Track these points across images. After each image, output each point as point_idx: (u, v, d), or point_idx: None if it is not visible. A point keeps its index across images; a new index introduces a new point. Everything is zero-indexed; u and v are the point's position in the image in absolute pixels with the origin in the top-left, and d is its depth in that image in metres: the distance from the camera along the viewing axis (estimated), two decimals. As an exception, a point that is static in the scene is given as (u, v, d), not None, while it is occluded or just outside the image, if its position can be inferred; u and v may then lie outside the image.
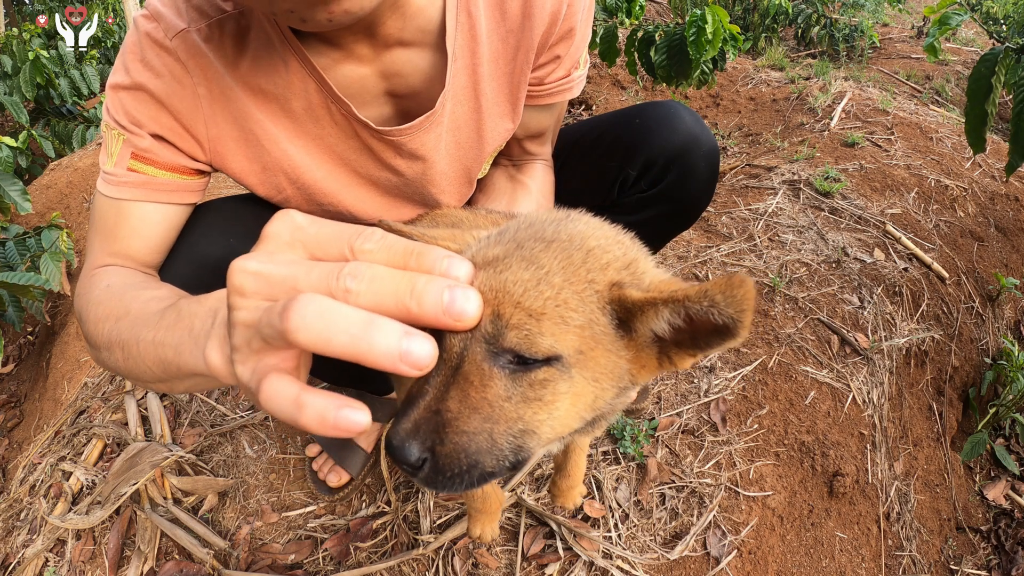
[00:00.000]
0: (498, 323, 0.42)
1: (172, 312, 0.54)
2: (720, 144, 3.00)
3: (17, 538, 1.28)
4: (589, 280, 0.45)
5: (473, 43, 0.82)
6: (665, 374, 1.50)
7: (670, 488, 1.26)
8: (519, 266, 0.44)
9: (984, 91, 1.60)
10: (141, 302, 0.62)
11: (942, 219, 2.17)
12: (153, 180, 0.75)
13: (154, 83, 0.73)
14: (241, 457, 1.33)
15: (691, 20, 2.22)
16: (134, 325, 0.58)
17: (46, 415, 1.81)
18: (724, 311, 0.42)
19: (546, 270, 0.44)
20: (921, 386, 1.80)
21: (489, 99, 0.87)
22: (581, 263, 0.46)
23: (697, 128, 0.94)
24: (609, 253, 0.48)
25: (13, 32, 3.37)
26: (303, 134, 0.81)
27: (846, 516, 1.35)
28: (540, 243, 0.47)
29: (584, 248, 0.47)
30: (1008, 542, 1.70)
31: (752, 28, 4.57)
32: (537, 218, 0.51)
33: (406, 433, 0.43)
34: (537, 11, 0.82)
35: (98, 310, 0.65)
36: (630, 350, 0.47)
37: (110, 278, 0.70)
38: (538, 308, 0.43)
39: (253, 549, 1.17)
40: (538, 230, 0.48)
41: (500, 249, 0.46)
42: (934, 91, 3.97)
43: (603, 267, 0.46)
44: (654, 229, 1.04)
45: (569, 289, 0.44)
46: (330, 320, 0.32)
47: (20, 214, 2.15)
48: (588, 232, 0.49)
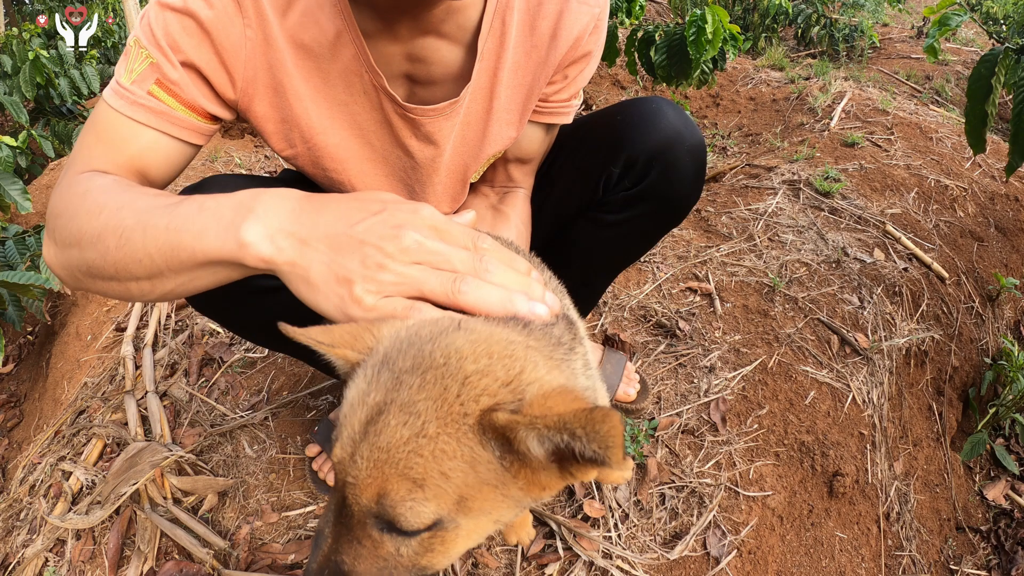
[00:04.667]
0: (383, 503, 0.44)
1: (191, 204, 0.57)
2: (720, 144, 3.00)
3: (17, 538, 1.28)
4: (463, 415, 0.44)
5: (500, 49, 0.85)
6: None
7: (670, 488, 1.26)
8: (397, 420, 0.44)
9: (984, 91, 1.60)
10: (151, 196, 0.62)
11: (942, 219, 2.17)
12: (171, 113, 0.73)
13: (206, 13, 0.72)
14: (241, 457, 1.33)
15: (691, 20, 2.22)
16: (141, 214, 0.59)
17: (46, 415, 1.81)
18: (587, 445, 0.40)
19: (422, 420, 0.43)
20: (921, 386, 1.80)
21: (501, 104, 0.89)
22: (455, 397, 0.44)
23: (680, 124, 0.93)
24: (488, 375, 0.45)
25: (13, 32, 3.36)
26: (329, 97, 0.82)
27: (846, 516, 1.36)
28: (417, 375, 0.45)
29: (461, 376, 0.45)
30: (1008, 542, 1.70)
31: (752, 28, 4.57)
32: (419, 334, 0.49)
33: (314, 573, 0.47)
34: (564, 33, 0.86)
35: (97, 199, 0.63)
36: (522, 476, 0.46)
37: (112, 178, 0.68)
38: (420, 475, 0.43)
39: (253, 549, 1.17)
40: (417, 354, 0.47)
41: (380, 394, 0.46)
42: (934, 91, 3.97)
43: (478, 395, 0.44)
44: (642, 227, 1.03)
45: (445, 434, 0.43)
46: (486, 293, 0.53)
47: (20, 213, 2.15)
48: (467, 351, 0.46)
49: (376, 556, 0.46)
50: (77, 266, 0.64)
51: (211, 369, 1.57)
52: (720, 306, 1.69)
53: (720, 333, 1.61)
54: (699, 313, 1.67)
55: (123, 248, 0.58)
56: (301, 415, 1.42)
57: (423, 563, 0.48)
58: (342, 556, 0.46)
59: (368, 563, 0.46)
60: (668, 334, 1.61)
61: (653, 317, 1.65)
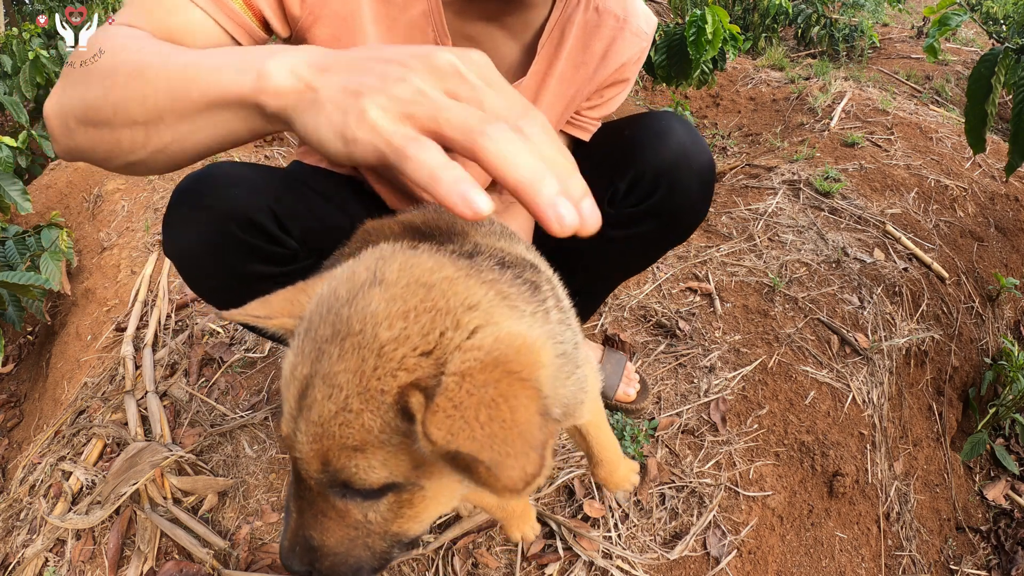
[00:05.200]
0: (328, 469, 0.42)
1: (220, 49, 0.53)
2: (720, 144, 3.00)
3: (17, 538, 1.28)
4: (381, 391, 0.40)
5: (554, 57, 0.88)
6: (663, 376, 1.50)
7: (670, 488, 1.26)
8: (322, 394, 0.41)
9: (984, 91, 1.60)
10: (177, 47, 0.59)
11: (942, 219, 2.17)
12: (227, 2, 0.68)
13: None
14: (241, 457, 1.33)
15: (691, 20, 2.22)
16: (165, 53, 0.55)
17: (46, 415, 1.81)
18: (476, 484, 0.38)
19: (344, 394, 0.41)
20: (921, 386, 1.80)
21: (542, 109, 0.90)
22: (372, 371, 0.41)
23: (689, 142, 0.92)
24: (405, 344, 0.41)
25: (13, 32, 3.36)
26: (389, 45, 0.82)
27: (846, 516, 1.36)
28: (336, 344, 0.42)
29: (376, 346, 0.41)
30: (1008, 542, 1.70)
31: (752, 28, 4.57)
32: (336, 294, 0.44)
33: (286, 552, 0.46)
34: (613, 57, 0.90)
35: (123, 41, 0.59)
36: None
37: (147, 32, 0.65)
38: (357, 443, 0.41)
39: (253, 549, 1.17)
40: (335, 319, 0.43)
41: (306, 367, 0.43)
42: (934, 91, 3.97)
43: (395, 370, 0.40)
44: (646, 243, 1.03)
45: (368, 411, 0.41)
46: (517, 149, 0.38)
47: (20, 214, 2.15)
48: (382, 314, 0.42)
49: (344, 526, 0.45)
50: (72, 109, 0.58)
51: (211, 369, 1.57)
52: (720, 306, 1.69)
53: (720, 333, 1.61)
54: (699, 313, 1.67)
55: (131, 83, 0.53)
56: (301, 415, 1.42)
57: (395, 529, 0.46)
58: (309, 532, 0.45)
59: (338, 535, 0.45)
60: (668, 334, 1.61)
61: (653, 317, 1.65)
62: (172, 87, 0.50)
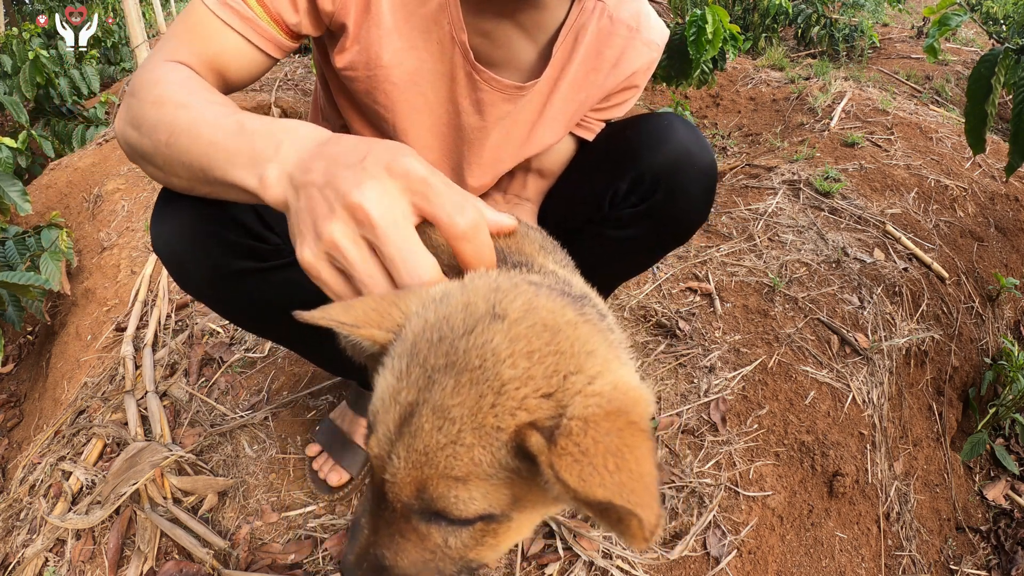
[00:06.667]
0: (424, 496, 0.42)
1: (234, 121, 0.61)
2: (720, 144, 3.00)
3: (17, 538, 1.28)
4: (497, 428, 0.41)
5: (567, 61, 0.89)
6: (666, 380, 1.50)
7: (670, 488, 1.26)
8: (431, 425, 0.42)
9: (984, 91, 1.60)
10: (206, 101, 0.66)
11: (942, 219, 2.17)
12: (256, 21, 0.75)
13: None
14: (241, 457, 1.33)
15: (691, 20, 2.22)
16: (195, 119, 0.63)
17: (46, 415, 1.81)
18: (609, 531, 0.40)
19: (457, 428, 0.41)
20: (921, 386, 1.80)
21: (552, 112, 0.93)
22: (490, 408, 0.41)
23: (691, 143, 0.91)
24: (527, 384, 0.41)
25: (13, 32, 3.36)
26: (405, 36, 0.83)
27: (846, 516, 1.36)
28: (451, 376, 0.42)
29: (497, 384, 0.41)
30: (1008, 542, 1.70)
31: (752, 28, 4.57)
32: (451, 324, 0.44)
33: (351, 566, 0.46)
34: (625, 65, 0.93)
35: (163, 91, 0.67)
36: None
37: (188, 72, 0.72)
38: (462, 475, 0.41)
39: (253, 549, 1.17)
40: (450, 350, 0.43)
41: (412, 393, 0.43)
42: (934, 91, 3.97)
43: (515, 409, 0.41)
44: (647, 244, 1.03)
45: (480, 446, 0.41)
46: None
47: (20, 214, 2.15)
48: (504, 352, 0.42)
49: (422, 549, 0.45)
50: (135, 146, 0.69)
51: (211, 369, 1.57)
52: (720, 306, 1.69)
53: (720, 333, 1.61)
54: (699, 313, 1.67)
55: (171, 148, 0.63)
56: (301, 415, 1.42)
57: (471, 556, 0.46)
58: (382, 550, 0.45)
59: (413, 556, 0.45)
60: (668, 334, 1.61)
61: (653, 317, 1.65)
62: (199, 163, 0.62)
